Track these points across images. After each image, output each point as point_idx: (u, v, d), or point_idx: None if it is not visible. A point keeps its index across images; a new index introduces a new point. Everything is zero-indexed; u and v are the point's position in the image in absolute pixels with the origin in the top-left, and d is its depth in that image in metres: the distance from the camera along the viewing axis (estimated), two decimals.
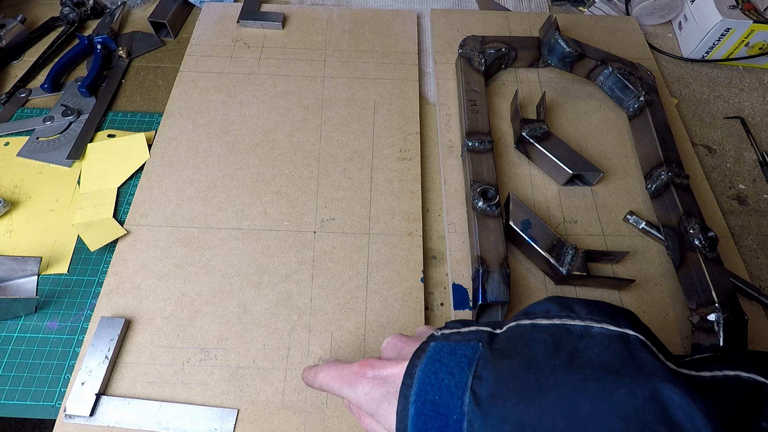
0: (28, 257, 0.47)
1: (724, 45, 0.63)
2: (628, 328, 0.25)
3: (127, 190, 0.53)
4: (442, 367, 0.26)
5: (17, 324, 0.44)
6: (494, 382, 0.24)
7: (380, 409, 0.28)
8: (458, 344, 0.27)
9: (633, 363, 0.23)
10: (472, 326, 0.28)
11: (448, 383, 0.25)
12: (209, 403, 0.40)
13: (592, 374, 0.23)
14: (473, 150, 0.51)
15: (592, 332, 0.25)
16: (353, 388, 0.30)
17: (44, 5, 0.70)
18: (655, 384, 0.22)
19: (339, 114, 0.58)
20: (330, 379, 0.32)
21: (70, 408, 0.39)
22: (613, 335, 0.24)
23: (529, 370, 0.24)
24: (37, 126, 0.57)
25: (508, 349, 0.25)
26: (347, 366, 0.31)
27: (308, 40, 0.65)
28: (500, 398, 0.24)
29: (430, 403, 0.25)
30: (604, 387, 0.22)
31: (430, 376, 0.26)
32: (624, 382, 0.22)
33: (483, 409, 0.24)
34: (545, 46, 0.60)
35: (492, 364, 0.25)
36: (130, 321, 0.44)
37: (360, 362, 0.30)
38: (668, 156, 0.51)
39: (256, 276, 0.46)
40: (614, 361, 0.23)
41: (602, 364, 0.23)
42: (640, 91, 0.56)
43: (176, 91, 0.59)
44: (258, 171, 0.53)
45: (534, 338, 0.25)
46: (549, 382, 0.23)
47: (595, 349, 0.24)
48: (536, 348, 0.25)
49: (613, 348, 0.24)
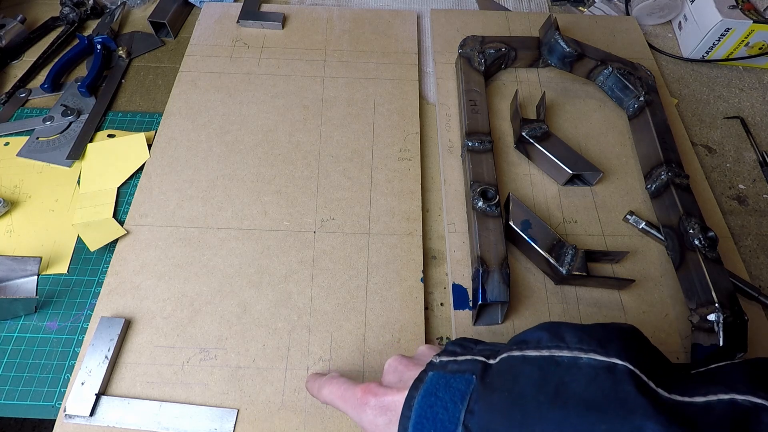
0: (28, 257, 0.47)
1: (724, 45, 0.63)
2: (617, 357, 0.25)
3: (127, 190, 0.53)
4: (438, 401, 0.27)
5: (17, 324, 0.44)
6: (484, 417, 0.26)
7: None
8: (453, 376, 0.28)
9: (616, 398, 0.24)
10: (468, 355, 0.30)
11: (443, 417, 0.27)
12: (209, 403, 0.40)
13: (575, 410, 0.24)
14: (473, 150, 0.51)
15: (579, 363, 0.25)
16: (358, 414, 0.32)
17: (44, 5, 0.70)
18: (635, 420, 0.22)
19: (339, 114, 0.58)
20: (334, 398, 0.34)
21: (70, 408, 0.39)
22: (600, 366, 0.25)
23: (515, 405, 0.25)
24: (37, 126, 0.57)
25: (498, 384, 0.27)
26: (351, 388, 0.33)
27: (308, 40, 0.65)
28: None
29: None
30: (586, 424, 0.23)
31: (426, 409, 0.27)
32: (606, 419, 0.23)
33: None
34: (545, 46, 0.60)
35: (483, 399, 0.26)
36: (130, 321, 0.44)
37: (363, 387, 0.32)
38: (668, 156, 0.51)
39: (256, 276, 0.46)
40: (598, 396, 0.24)
41: (585, 400, 0.24)
42: (640, 91, 0.56)
43: (176, 91, 0.59)
44: (258, 171, 0.53)
45: (522, 372, 0.26)
46: (533, 418, 0.24)
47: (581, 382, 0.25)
48: (524, 382, 0.26)
49: (598, 381, 0.24)
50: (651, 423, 0.22)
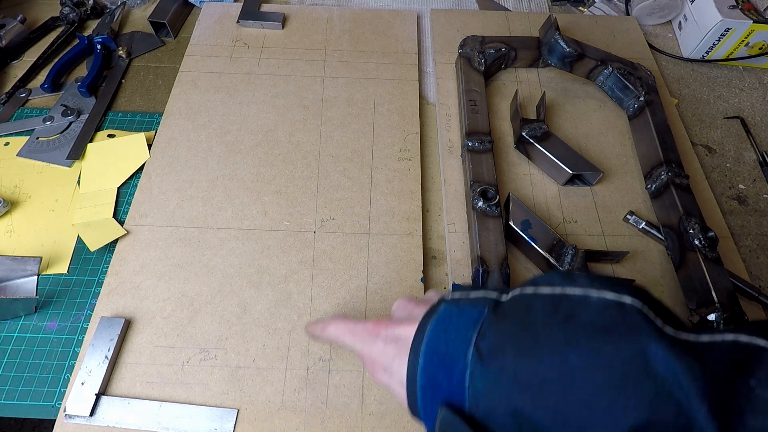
0: (28, 257, 0.47)
1: (724, 45, 0.63)
2: (627, 296, 0.26)
3: (127, 190, 0.53)
4: (450, 326, 0.28)
5: (17, 324, 0.44)
6: (495, 339, 0.26)
7: (393, 365, 0.31)
8: (466, 307, 0.29)
9: (624, 324, 0.24)
10: (480, 292, 0.30)
11: (455, 338, 0.28)
12: (209, 403, 0.40)
13: (584, 332, 0.25)
14: (473, 150, 0.51)
15: (589, 300, 0.26)
16: (368, 345, 0.33)
17: (44, 5, 0.70)
18: (641, 342, 0.23)
19: (339, 114, 0.58)
20: (341, 335, 0.35)
21: (70, 408, 0.39)
22: (610, 302, 0.26)
23: (526, 330, 0.26)
24: (37, 126, 0.57)
25: (510, 313, 0.28)
26: (359, 323, 0.34)
27: (308, 40, 0.65)
28: (499, 353, 0.26)
29: (437, 354, 0.28)
30: (593, 343, 0.24)
31: (439, 332, 0.28)
32: (612, 339, 0.24)
33: (484, 362, 0.26)
34: (545, 46, 0.60)
35: (495, 324, 0.27)
36: (130, 321, 0.44)
37: (373, 321, 0.34)
38: (668, 156, 0.51)
39: (256, 276, 0.46)
40: (606, 323, 0.25)
41: (594, 325, 0.25)
42: (640, 91, 0.56)
43: (176, 91, 0.59)
44: (258, 171, 0.53)
45: (535, 303, 0.27)
46: (543, 339, 0.25)
47: (591, 312, 0.26)
48: (536, 311, 0.27)
49: (607, 312, 0.25)
50: (655, 344, 0.23)
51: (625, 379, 0.23)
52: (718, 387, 0.22)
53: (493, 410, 0.26)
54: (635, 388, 0.23)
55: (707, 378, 0.22)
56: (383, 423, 0.40)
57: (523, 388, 0.25)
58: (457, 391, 0.27)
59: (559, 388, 0.24)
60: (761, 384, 0.22)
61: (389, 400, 0.41)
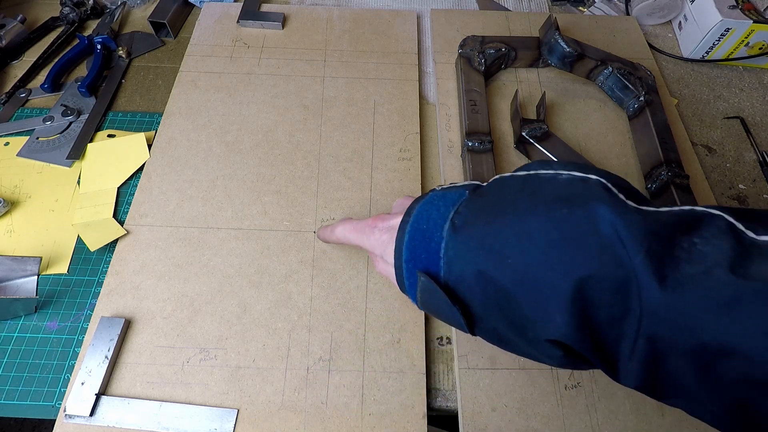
0: (28, 257, 0.47)
1: (724, 45, 0.63)
2: (594, 175, 0.28)
3: (127, 190, 0.53)
4: (432, 207, 0.32)
5: (17, 324, 0.44)
6: (468, 213, 0.30)
7: (387, 250, 0.35)
8: (449, 192, 0.33)
9: (583, 194, 0.27)
10: (466, 182, 0.34)
11: (435, 216, 0.31)
12: (209, 403, 0.40)
13: (544, 201, 0.27)
14: (473, 150, 0.51)
15: (558, 178, 0.28)
16: (368, 237, 0.37)
17: (44, 5, 0.70)
18: (592, 206, 0.25)
19: (339, 114, 0.58)
20: (347, 232, 0.40)
21: (70, 408, 0.39)
22: (576, 178, 0.28)
23: (495, 204, 0.29)
24: (37, 126, 0.57)
25: (486, 192, 0.31)
26: (362, 221, 0.39)
27: (308, 40, 0.65)
28: (470, 224, 0.29)
29: (420, 231, 0.31)
30: (550, 210, 0.26)
31: (423, 213, 0.32)
32: (567, 205, 0.26)
33: (456, 233, 0.29)
34: (545, 46, 0.60)
35: (470, 202, 0.31)
36: (130, 321, 0.44)
37: (372, 217, 0.38)
38: (668, 156, 0.51)
39: (256, 276, 0.46)
40: (567, 194, 0.27)
41: (555, 195, 0.27)
42: (640, 91, 0.56)
43: (176, 91, 0.59)
44: (258, 171, 0.53)
45: (508, 182, 0.30)
46: (509, 210, 0.28)
47: (555, 186, 0.28)
48: (507, 189, 0.30)
49: (571, 186, 0.28)
50: (604, 207, 0.25)
51: (574, 238, 0.25)
52: (658, 241, 0.24)
53: (462, 274, 0.29)
54: (583, 244, 0.25)
55: (647, 234, 0.24)
56: (383, 423, 0.40)
57: (487, 251, 0.27)
58: (433, 261, 0.30)
59: (516, 249, 0.26)
60: (704, 241, 0.23)
61: (389, 400, 0.41)
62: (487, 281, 0.27)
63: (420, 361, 0.43)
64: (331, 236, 0.42)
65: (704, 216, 0.25)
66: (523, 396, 0.41)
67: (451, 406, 0.42)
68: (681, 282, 0.23)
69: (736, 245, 0.23)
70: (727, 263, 0.22)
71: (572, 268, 0.25)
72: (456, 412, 0.41)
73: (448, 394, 0.42)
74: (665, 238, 0.24)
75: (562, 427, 0.40)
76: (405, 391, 0.41)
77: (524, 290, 0.26)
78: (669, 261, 0.23)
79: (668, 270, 0.23)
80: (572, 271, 0.25)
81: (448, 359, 0.44)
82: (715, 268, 0.22)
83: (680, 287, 0.23)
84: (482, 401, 0.41)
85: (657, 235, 0.24)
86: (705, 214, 0.25)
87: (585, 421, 0.40)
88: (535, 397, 0.41)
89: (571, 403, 0.41)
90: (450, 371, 0.44)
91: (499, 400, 0.41)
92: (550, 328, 0.26)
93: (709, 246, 0.23)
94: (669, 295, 0.23)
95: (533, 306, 0.26)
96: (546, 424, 0.40)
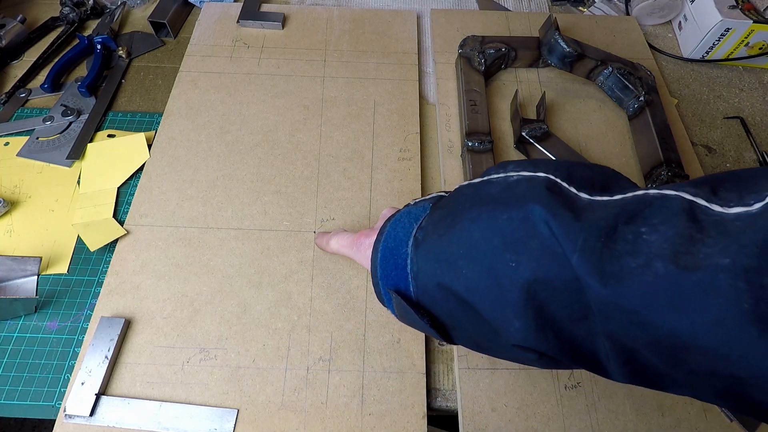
0: (28, 257, 0.47)
1: (724, 45, 0.63)
2: (543, 172, 0.27)
3: (127, 190, 0.53)
4: (399, 225, 0.33)
5: (17, 324, 0.44)
6: (427, 228, 0.31)
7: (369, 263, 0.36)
8: (415, 207, 0.34)
9: (524, 195, 0.26)
10: (432, 195, 0.35)
11: (401, 234, 0.32)
12: (209, 403, 0.40)
13: (486, 208, 0.27)
14: (473, 150, 0.51)
15: (508, 180, 0.28)
16: (356, 252, 0.39)
17: (44, 5, 0.70)
18: (528, 207, 0.25)
19: (339, 114, 0.58)
20: (340, 247, 0.41)
21: (70, 408, 0.39)
22: (522, 179, 0.28)
23: (449, 214, 0.29)
24: (37, 126, 0.57)
25: (443, 204, 0.32)
26: (352, 235, 0.40)
27: (308, 40, 0.65)
28: (428, 238, 0.30)
29: (389, 249, 0.32)
30: (491, 217, 0.27)
31: (391, 231, 0.33)
32: (507, 209, 0.26)
33: (418, 248, 0.30)
34: (545, 46, 0.60)
35: (430, 215, 0.32)
36: (130, 321, 0.44)
37: (360, 233, 0.39)
38: (668, 156, 0.51)
39: (256, 276, 0.46)
40: (508, 197, 0.27)
41: (497, 199, 0.27)
42: (640, 91, 0.56)
43: (176, 91, 0.59)
44: (258, 171, 0.53)
45: (462, 192, 0.31)
46: (456, 220, 0.28)
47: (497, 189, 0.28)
48: (460, 199, 0.30)
49: (516, 187, 0.27)
50: (538, 206, 0.25)
51: (515, 242, 0.25)
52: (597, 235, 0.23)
53: (426, 287, 0.30)
54: (524, 248, 0.25)
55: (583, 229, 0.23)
56: (383, 423, 0.40)
57: (443, 264, 0.28)
58: (402, 277, 0.31)
59: (466, 260, 0.27)
60: (651, 228, 0.22)
61: (389, 400, 0.41)
62: (447, 292, 0.28)
63: (420, 361, 0.43)
64: (327, 247, 0.44)
65: (655, 199, 0.23)
66: (523, 396, 0.41)
67: (451, 406, 0.42)
68: (620, 277, 0.21)
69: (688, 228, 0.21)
70: (670, 252, 0.21)
71: (517, 272, 0.24)
72: (456, 412, 0.41)
73: (448, 394, 0.42)
74: (607, 231, 0.23)
75: (562, 427, 0.40)
76: (405, 391, 0.41)
77: (480, 298, 0.26)
78: (609, 256, 0.22)
79: (608, 265, 0.22)
80: (518, 275, 0.24)
81: (448, 359, 0.44)
82: (655, 259, 0.21)
83: (620, 283, 0.21)
84: (482, 401, 0.41)
85: (598, 228, 0.23)
86: (656, 197, 0.23)
87: (585, 421, 0.40)
88: (535, 397, 0.41)
89: (571, 403, 0.41)
90: (450, 371, 0.44)
91: (499, 400, 0.41)
92: (512, 333, 0.26)
93: (655, 234, 0.22)
94: (611, 292, 0.22)
95: (493, 313, 0.26)
96: (546, 424, 0.40)
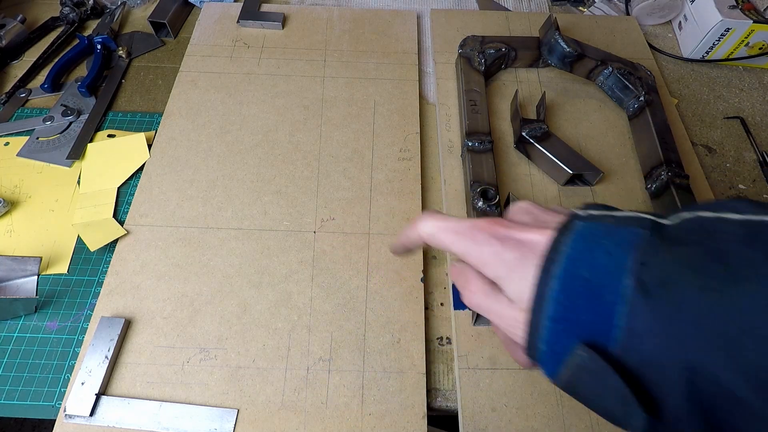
0: (28, 257, 0.47)
1: (724, 45, 0.63)
2: None
3: (127, 190, 0.53)
4: (597, 247, 0.22)
5: (17, 324, 0.44)
6: (666, 269, 0.21)
7: (512, 274, 0.25)
8: (616, 227, 0.23)
9: None
10: (627, 212, 0.24)
11: (606, 263, 0.22)
12: (209, 403, 0.40)
13: None
14: (473, 150, 0.51)
15: None
16: (477, 245, 0.26)
17: (44, 5, 0.70)
18: None
19: (339, 114, 0.58)
20: (439, 230, 0.28)
21: (70, 408, 0.39)
22: None
23: (713, 260, 0.20)
24: (37, 126, 0.57)
25: (685, 238, 0.22)
26: (462, 220, 0.28)
27: (308, 40, 0.65)
28: (674, 286, 0.20)
29: (581, 279, 0.22)
30: None
31: (584, 253, 0.22)
32: None
33: (651, 296, 0.20)
34: (545, 46, 0.60)
35: (663, 251, 0.21)
36: (130, 321, 0.44)
37: (488, 218, 0.27)
38: (668, 156, 0.51)
39: (256, 276, 0.46)
40: None
41: None
42: (640, 91, 0.56)
43: (176, 91, 0.59)
44: (258, 171, 0.53)
45: (721, 229, 0.21)
46: (743, 273, 0.19)
47: None
48: (724, 239, 0.21)
49: None
50: None
51: None
52: None
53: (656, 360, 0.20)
54: None
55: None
56: (383, 423, 0.40)
57: (711, 335, 0.19)
58: (602, 329, 0.21)
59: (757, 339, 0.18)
60: None
61: (389, 400, 0.41)
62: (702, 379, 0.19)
63: (420, 361, 0.43)
64: (412, 234, 0.30)
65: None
66: (523, 396, 0.41)
67: (451, 406, 0.42)
68: None
69: None
70: None
71: None
72: (456, 412, 0.41)
73: (448, 394, 0.42)
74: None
75: (562, 427, 0.40)
76: (405, 391, 0.41)
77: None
78: None
79: None
80: None
81: (448, 359, 0.44)
82: None
83: None
84: (482, 401, 0.41)
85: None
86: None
87: (585, 421, 0.40)
88: (535, 397, 0.41)
89: (571, 403, 0.41)
90: (450, 371, 0.44)
91: (499, 400, 0.41)
92: None
93: None
94: None
95: None
96: (546, 424, 0.40)
